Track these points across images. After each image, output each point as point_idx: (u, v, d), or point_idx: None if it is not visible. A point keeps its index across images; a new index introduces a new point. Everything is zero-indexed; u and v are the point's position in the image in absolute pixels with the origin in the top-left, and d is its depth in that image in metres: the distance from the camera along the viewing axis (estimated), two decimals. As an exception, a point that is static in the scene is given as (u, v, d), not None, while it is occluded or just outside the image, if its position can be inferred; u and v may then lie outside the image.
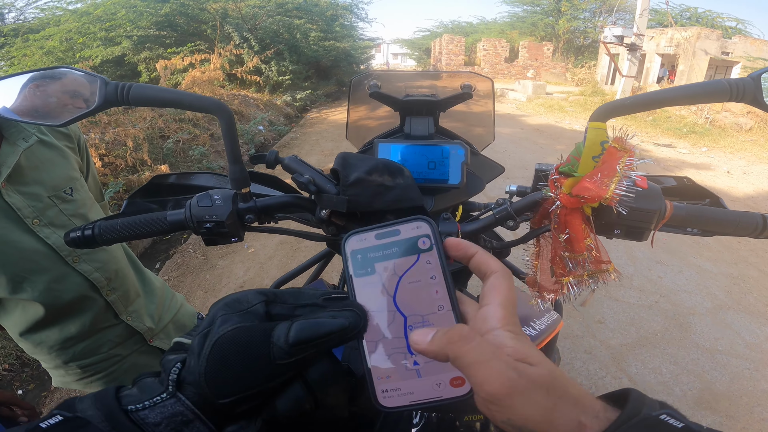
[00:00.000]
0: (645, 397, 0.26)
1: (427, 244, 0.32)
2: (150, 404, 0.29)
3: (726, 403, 1.90)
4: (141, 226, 0.58)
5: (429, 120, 0.81)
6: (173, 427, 0.28)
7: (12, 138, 0.81)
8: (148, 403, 0.29)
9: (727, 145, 7.40)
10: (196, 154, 4.97)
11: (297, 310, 0.32)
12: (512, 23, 26.44)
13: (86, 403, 0.28)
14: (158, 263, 3.20)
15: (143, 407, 0.28)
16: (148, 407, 0.29)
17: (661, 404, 0.26)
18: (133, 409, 0.28)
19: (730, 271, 3.06)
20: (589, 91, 13.93)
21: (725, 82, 0.49)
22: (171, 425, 0.28)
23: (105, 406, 0.28)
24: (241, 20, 10.36)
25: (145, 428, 0.28)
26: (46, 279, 0.85)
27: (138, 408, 0.28)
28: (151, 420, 0.28)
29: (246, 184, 0.58)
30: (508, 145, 6.68)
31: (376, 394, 0.30)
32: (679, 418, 0.25)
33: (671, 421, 0.24)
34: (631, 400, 0.26)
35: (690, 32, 11.74)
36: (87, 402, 0.28)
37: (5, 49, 9.23)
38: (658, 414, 0.25)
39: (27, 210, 0.82)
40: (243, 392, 0.29)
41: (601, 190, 0.48)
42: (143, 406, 0.29)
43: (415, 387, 0.30)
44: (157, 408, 0.29)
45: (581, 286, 0.58)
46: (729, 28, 18.10)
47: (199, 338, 0.31)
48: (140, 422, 0.28)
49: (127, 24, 9.26)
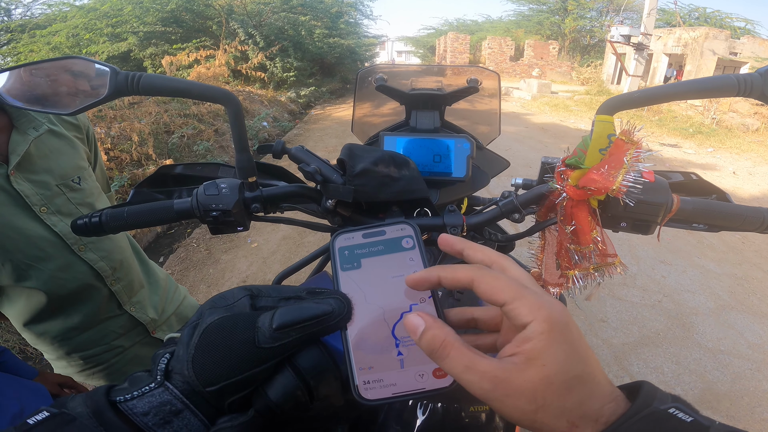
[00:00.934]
0: (657, 390, 0.26)
1: (410, 243, 0.34)
2: (138, 394, 0.29)
3: (727, 404, 1.90)
4: (148, 214, 0.58)
5: (435, 114, 0.81)
6: (162, 416, 0.28)
7: (22, 127, 0.83)
8: (137, 393, 0.29)
9: (733, 146, 7.35)
10: (200, 149, 4.98)
11: (281, 302, 0.33)
12: (518, 22, 26.34)
13: (77, 401, 0.28)
14: (162, 257, 3.22)
15: (131, 397, 0.29)
16: (137, 397, 0.29)
17: (674, 398, 0.26)
18: (122, 399, 0.28)
19: (734, 272, 3.05)
20: (594, 91, 13.85)
21: (733, 77, 0.49)
22: (160, 414, 0.28)
23: (94, 402, 0.28)
24: (247, 16, 10.36)
25: (134, 419, 0.28)
26: (52, 267, 0.86)
27: (126, 398, 0.28)
28: (139, 410, 0.28)
29: (253, 173, 0.59)
30: (513, 144, 6.66)
31: (357, 386, 0.30)
32: (689, 412, 0.24)
33: (680, 414, 0.24)
34: (642, 394, 0.25)
35: (698, 32, 11.65)
36: (78, 399, 0.28)
37: (12, 44, 9.30)
38: (667, 407, 0.24)
39: (35, 197, 0.83)
40: (228, 378, 0.29)
41: (608, 182, 0.48)
42: (131, 396, 0.29)
43: (397, 378, 0.30)
44: (146, 398, 0.29)
45: (587, 280, 0.58)
46: (738, 28, 17.95)
47: (188, 329, 0.31)
48: (129, 412, 0.28)
49: (133, 20, 9.29)
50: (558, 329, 0.25)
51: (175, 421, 0.28)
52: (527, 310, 0.25)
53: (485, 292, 0.27)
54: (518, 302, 0.26)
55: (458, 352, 0.26)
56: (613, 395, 0.25)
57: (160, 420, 0.28)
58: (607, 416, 0.24)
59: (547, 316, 0.25)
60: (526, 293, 0.26)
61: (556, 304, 0.26)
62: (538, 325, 0.25)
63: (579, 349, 0.25)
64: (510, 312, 0.26)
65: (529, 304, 0.25)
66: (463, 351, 0.26)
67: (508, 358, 0.25)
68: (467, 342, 0.31)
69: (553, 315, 0.25)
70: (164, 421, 0.28)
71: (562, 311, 0.26)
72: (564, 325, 0.25)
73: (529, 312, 0.25)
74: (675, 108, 9.77)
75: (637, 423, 0.24)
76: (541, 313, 0.25)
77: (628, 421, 0.24)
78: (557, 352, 0.24)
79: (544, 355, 0.24)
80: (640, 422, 0.24)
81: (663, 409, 0.24)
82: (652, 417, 0.24)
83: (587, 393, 0.25)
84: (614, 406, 0.25)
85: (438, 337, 0.27)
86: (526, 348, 0.25)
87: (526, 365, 0.25)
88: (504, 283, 0.27)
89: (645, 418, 0.24)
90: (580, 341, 0.26)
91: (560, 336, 0.25)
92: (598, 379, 0.25)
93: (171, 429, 0.28)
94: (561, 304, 0.26)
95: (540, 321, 0.25)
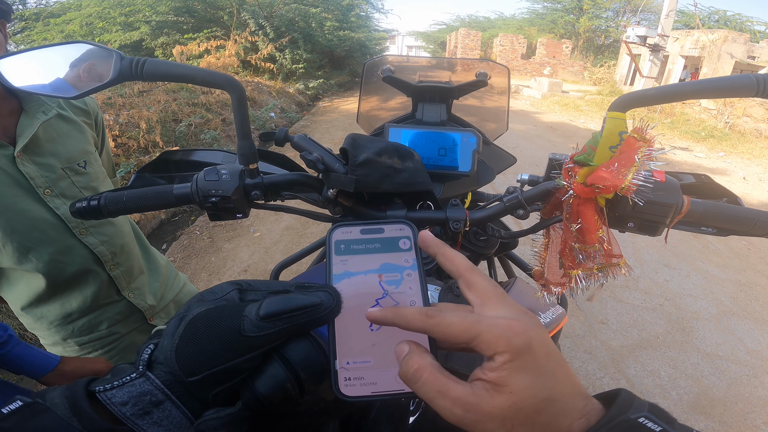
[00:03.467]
0: (634, 398, 0.26)
1: (407, 245, 0.34)
2: (118, 384, 0.28)
3: (721, 409, 1.89)
4: (147, 199, 0.58)
5: (442, 107, 0.80)
6: (141, 407, 0.27)
7: (32, 111, 0.84)
8: (117, 383, 0.28)
9: (745, 151, 7.24)
10: (208, 138, 4.99)
11: (269, 296, 0.32)
12: (531, 20, 26.06)
13: (57, 391, 0.28)
14: (165, 244, 3.24)
15: (111, 387, 0.28)
16: (117, 387, 0.28)
17: (651, 406, 0.26)
18: (101, 389, 0.28)
19: (737, 278, 3.02)
20: (606, 91, 13.69)
21: (752, 77, 0.47)
22: (139, 405, 0.27)
23: (72, 394, 0.27)
24: (258, 7, 10.33)
25: (112, 408, 0.27)
26: (52, 250, 0.86)
27: (106, 388, 0.28)
28: (117, 400, 0.27)
29: (254, 159, 0.58)
30: (520, 142, 6.60)
31: (338, 382, 0.29)
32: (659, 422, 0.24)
33: (650, 424, 0.24)
34: (617, 402, 0.26)
35: (717, 35, 11.44)
36: (58, 390, 0.28)
37: (26, 32, 9.37)
38: (637, 417, 0.24)
39: (40, 180, 0.83)
40: (212, 367, 0.28)
41: (618, 180, 0.46)
42: (111, 386, 0.28)
43: (378, 378, 0.30)
44: (125, 387, 0.28)
45: (590, 280, 0.57)
46: (758, 32, 17.61)
47: (174, 320, 0.31)
48: (107, 402, 0.27)
49: (146, 9, 9.33)
50: (521, 356, 0.25)
51: (155, 412, 0.28)
52: (486, 346, 0.26)
53: (444, 341, 0.28)
54: (476, 340, 0.26)
55: (431, 377, 0.26)
56: (585, 409, 0.25)
57: (139, 410, 0.27)
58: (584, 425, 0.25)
59: (506, 346, 0.25)
60: (481, 328, 0.26)
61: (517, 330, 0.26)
62: (501, 356, 0.25)
63: (545, 372, 0.25)
64: (474, 349, 0.26)
65: (487, 340, 0.26)
66: (435, 377, 0.26)
67: (479, 383, 0.26)
68: None
69: (512, 345, 0.25)
70: (143, 412, 0.27)
71: (523, 338, 0.25)
72: (526, 349, 0.25)
73: (488, 347, 0.25)
74: (688, 111, 9.63)
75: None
76: (500, 345, 0.25)
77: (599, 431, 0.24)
78: (522, 379, 0.25)
79: (510, 383, 0.25)
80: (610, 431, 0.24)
81: (633, 418, 0.24)
82: (621, 427, 0.24)
83: (557, 412, 0.25)
84: (584, 421, 0.25)
85: (413, 362, 0.27)
86: (492, 377, 0.25)
87: (494, 392, 0.25)
88: (457, 328, 0.27)
89: (613, 428, 0.24)
90: (546, 362, 0.26)
91: (523, 362, 0.25)
92: (568, 396, 0.25)
93: (151, 420, 0.28)
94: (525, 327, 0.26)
95: (501, 353, 0.25)
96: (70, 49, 0.54)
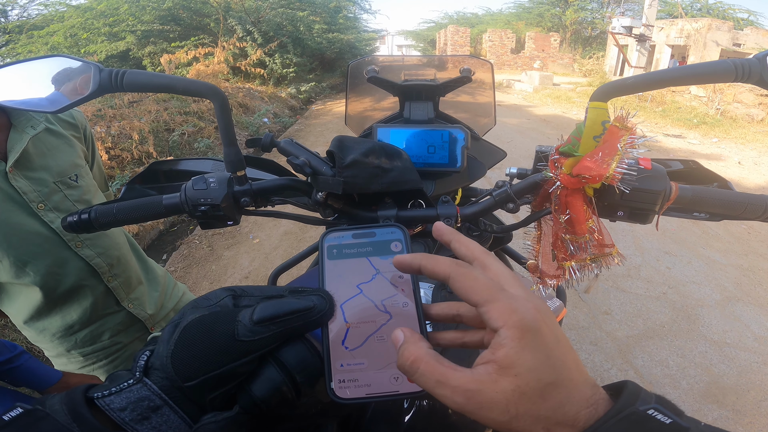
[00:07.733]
0: (641, 390, 0.26)
1: (399, 247, 0.35)
2: (116, 390, 0.29)
3: (733, 397, 1.87)
4: (137, 210, 0.58)
5: (429, 104, 0.80)
6: (139, 412, 0.28)
7: (21, 126, 0.84)
8: (115, 389, 0.29)
9: (738, 136, 7.26)
10: (201, 146, 4.98)
11: (263, 301, 0.33)
12: (518, 14, 26.09)
13: (56, 399, 0.28)
14: (165, 254, 3.23)
15: (109, 393, 0.28)
16: (114, 393, 0.28)
17: (658, 398, 0.25)
18: (99, 395, 0.28)
19: (740, 263, 3.01)
20: (597, 82, 13.71)
21: (730, 62, 0.48)
22: (137, 410, 0.28)
23: (70, 399, 0.28)
24: (245, 13, 10.31)
25: (111, 414, 0.28)
26: (48, 263, 0.86)
27: (104, 394, 0.28)
28: (115, 405, 0.28)
29: (241, 166, 0.58)
30: (515, 135, 6.61)
31: (332, 384, 0.30)
32: (669, 413, 0.24)
33: (659, 416, 0.24)
34: (624, 394, 0.25)
35: (701, 23, 11.49)
36: (57, 397, 0.28)
37: (10, 46, 9.31)
38: (646, 408, 0.24)
39: (33, 194, 0.84)
40: (208, 372, 0.29)
41: (602, 169, 0.46)
42: (109, 392, 0.28)
43: (372, 379, 0.30)
44: (123, 393, 0.28)
45: (583, 271, 0.57)
46: (741, 19, 17.67)
47: (169, 327, 0.31)
48: (106, 408, 0.28)
49: (130, 19, 9.26)
50: (530, 336, 0.25)
51: (153, 417, 0.28)
52: (498, 314, 0.25)
53: (459, 290, 0.28)
54: (490, 305, 0.26)
55: (429, 367, 0.26)
56: (593, 399, 0.25)
57: (138, 416, 0.28)
58: (584, 421, 0.24)
59: (517, 322, 0.25)
60: (499, 296, 0.26)
61: (529, 308, 0.25)
62: (509, 330, 0.25)
63: (553, 356, 0.25)
64: (483, 315, 0.26)
65: (501, 309, 0.25)
66: (433, 366, 0.26)
67: (482, 367, 0.25)
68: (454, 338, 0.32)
69: (524, 321, 0.25)
70: (142, 417, 0.28)
71: (535, 316, 0.25)
72: (536, 331, 0.25)
73: (500, 316, 0.25)
74: (679, 98, 9.67)
75: (615, 425, 0.23)
76: (512, 319, 0.25)
77: (605, 424, 0.24)
78: (529, 360, 0.24)
79: (516, 363, 0.24)
80: (617, 424, 0.23)
81: (642, 410, 0.24)
82: (630, 419, 0.24)
83: (563, 399, 0.24)
84: (592, 410, 0.24)
85: (409, 353, 0.27)
86: (499, 356, 0.25)
87: (498, 375, 0.24)
88: (479, 285, 0.27)
89: (623, 420, 0.23)
90: (555, 346, 0.25)
91: (532, 343, 0.24)
92: (576, 383, 0.25)
93: (149, 425, 0.28)
94: (537, 308, 0.26)
95: (510, 327, 0.25)
96: (49, 63, 0.54)
